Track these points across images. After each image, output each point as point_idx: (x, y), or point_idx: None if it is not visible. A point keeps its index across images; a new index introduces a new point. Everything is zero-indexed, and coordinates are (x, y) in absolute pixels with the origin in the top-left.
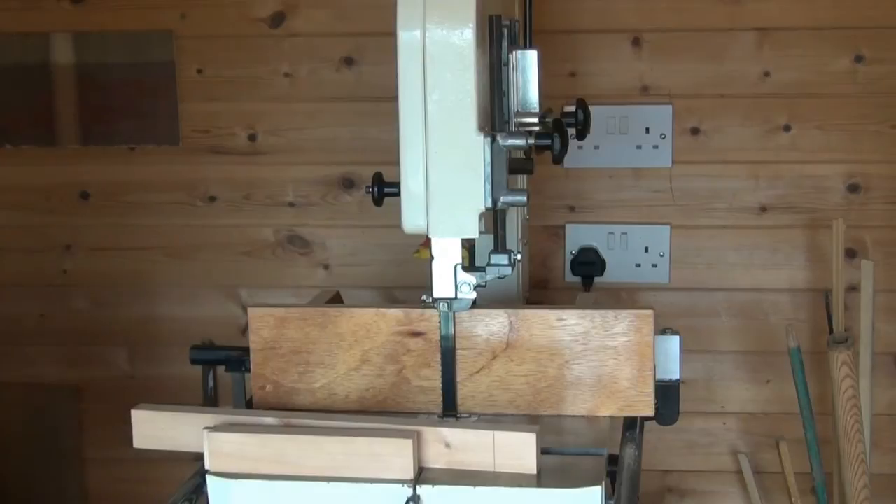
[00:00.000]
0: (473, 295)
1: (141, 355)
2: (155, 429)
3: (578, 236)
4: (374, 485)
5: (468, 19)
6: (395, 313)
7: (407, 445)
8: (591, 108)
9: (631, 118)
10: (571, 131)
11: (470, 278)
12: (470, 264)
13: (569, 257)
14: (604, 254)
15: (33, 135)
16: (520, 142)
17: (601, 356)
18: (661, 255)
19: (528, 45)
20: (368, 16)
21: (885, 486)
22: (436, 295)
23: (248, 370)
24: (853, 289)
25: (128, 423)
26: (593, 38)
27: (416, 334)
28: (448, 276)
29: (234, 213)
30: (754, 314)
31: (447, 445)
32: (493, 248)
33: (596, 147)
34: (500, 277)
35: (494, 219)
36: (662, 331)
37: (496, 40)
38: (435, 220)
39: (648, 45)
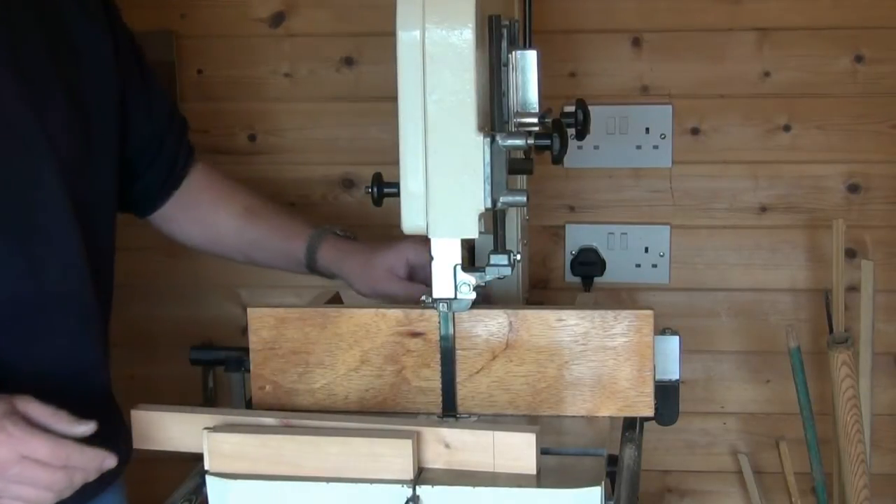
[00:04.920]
0: (473, 295)
1: (141, 355)
2: (155, 429)
3: (578, 236)
4: (374, 485)
5: (468, 19)
6: (395, 314)
7: (406, 446)
8: (591, 108)
9: (631, 118)
10: (571, 131)
11: (469, 278)
12: (470, 264)
13: (569, 257)
14: (604, 254)
15: None
16: (519, 142)
17: (601, 356)
18: (661, 256)
19: (527, 45)
20: (368, 16)
21: (885, 486)
22: (435, 295)
23: (248, 370)
24: (853, 289)
25: (127, 423)
26: (593, 38)
27: (416, 335)
28: (447, 277)
29: None
30: (754, 314)
31: (447, 446)
32: (492, 248)
33: (596, 147)
34: (499, 278)
35: (494, 219)
36: (662, 331)
37: (496, 40)
38: (434, 221)
39: (648, 45)
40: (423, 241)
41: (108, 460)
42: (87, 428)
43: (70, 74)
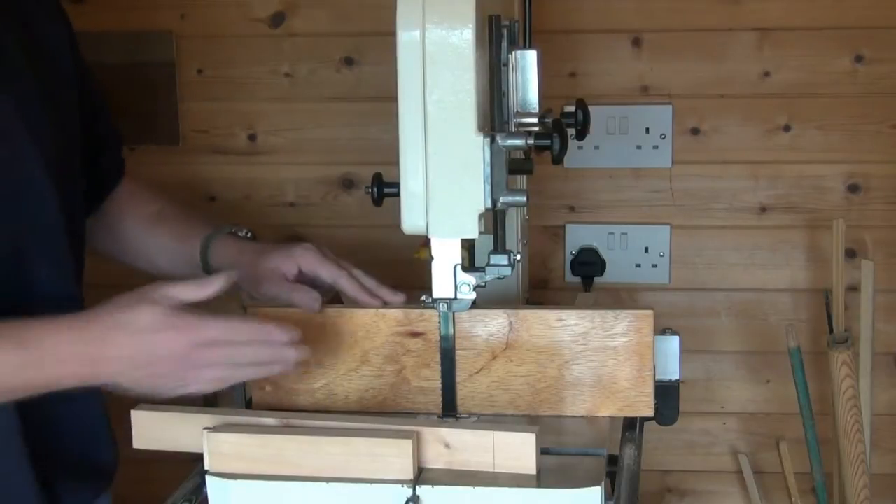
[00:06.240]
0: (473, 295)
1: None
2: (155, 429)
3: (578, 236)
4: (374, 485)
5: (468, 19)
6: (395, 314)
7: (406, 446)
8: (591, 108)
9: (631, 118)
10: (571, 131)
11: (469, 279)
12: (469, 264)
13: (569, 257)
14: (604, 254)
15: None
16: (519, 142)
17: (601, 356)
18: (661, 256)
19: (527, 45)
20: (368, 16)
21: (885, 486)
22: (435, 295)
23: None
24: (853, 289)
25: (128, 423)
26: (593, 38)
27: (416, 335)
28: (448, 277)
29: (234, 213)
30: (754, 314)
31: (447, 446)
32: (492, 248)
33: (596, 147)
34: (499, 278)
35: (494, 219)
36: (662, 331)
37: (496, 40)
38: (434, 221)
39: (648, 45)
40: (320, 250)
41: (278, 333)
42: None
43: (43, 74)
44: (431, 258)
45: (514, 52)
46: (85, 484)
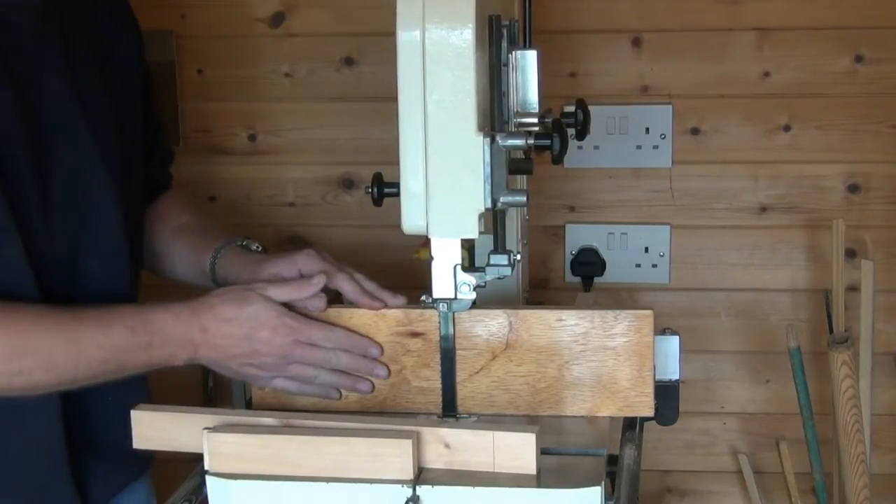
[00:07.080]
0: (473, 295)
1: None
2: (155, 429)
3: (578, 236)
4: (374, 485)
5: (468, 19)
6: (395, 314)
7: (406, 446)
8: (591, 108)
9: (631, 118)
10: (571, 131)
11: (469, 279)
12: (469, 264)
13: (569, 257)
14: (604, 254)
15: None
16: (519, 142)
17: (601, 356)
18: (661, 256)
19: (527, 45)
20: (368, 16)
21: (885, 486)
22: (435, 295)
23: None
24: (853, 289)
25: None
26: (593, 38)
27: (416, 335)
28: (448, 277)
29: (234, 213)
30: (754, 314)
31: (446, 446)
32: (492, 248)
33: (596, 147)
34: (499, 278)
35: (494, 219)
36: (662, 331)
37: (496, 40)
38: (434, 221)
39: (648, 45)
40: (321, 255)
41: (373, 349)
42: (318, 281)
43: (113, 84)
44: (431, 258)
45: (514, 52)
46: (116, 468)
